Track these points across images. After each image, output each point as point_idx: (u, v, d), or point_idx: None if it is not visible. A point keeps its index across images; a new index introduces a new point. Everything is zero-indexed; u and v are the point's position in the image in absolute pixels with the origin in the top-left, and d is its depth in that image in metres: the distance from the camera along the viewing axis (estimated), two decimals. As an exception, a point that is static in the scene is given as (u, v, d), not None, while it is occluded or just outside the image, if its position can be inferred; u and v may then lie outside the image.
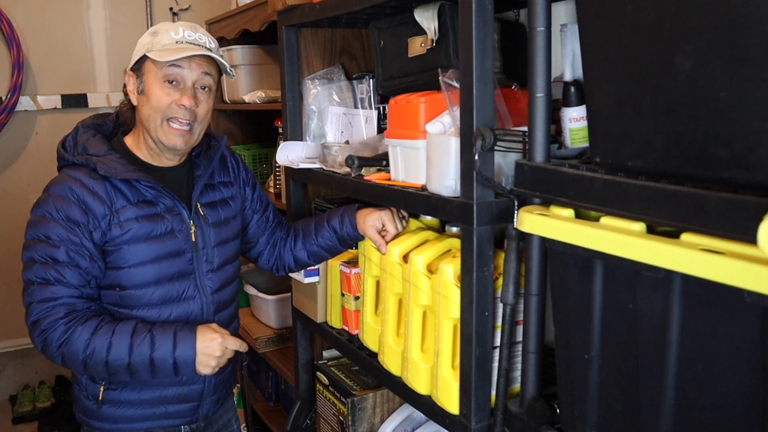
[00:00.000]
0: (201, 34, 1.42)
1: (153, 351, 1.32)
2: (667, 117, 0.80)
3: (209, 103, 1.43)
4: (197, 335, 1.34)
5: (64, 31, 3.46)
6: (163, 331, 1.34)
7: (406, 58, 1.48)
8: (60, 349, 1.31)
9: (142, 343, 1.32)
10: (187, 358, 1.33)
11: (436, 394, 1.29)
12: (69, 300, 1.33)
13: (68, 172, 1.38)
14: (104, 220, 1.35)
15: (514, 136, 1.11)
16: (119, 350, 1.31)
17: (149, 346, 1.32)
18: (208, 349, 1.34)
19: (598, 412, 0.95)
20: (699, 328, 0.77)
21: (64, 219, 1.33)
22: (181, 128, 1.39)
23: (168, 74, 1.37)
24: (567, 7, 1.45)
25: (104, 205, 1.35)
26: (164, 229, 1.41)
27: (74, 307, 1.33)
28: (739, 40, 0.70)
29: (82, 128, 1.46)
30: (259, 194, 1.67)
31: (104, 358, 1.30)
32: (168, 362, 1.32)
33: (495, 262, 1.18)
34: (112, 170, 1.36)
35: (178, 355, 1.32)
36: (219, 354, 1.34)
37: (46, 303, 1.32)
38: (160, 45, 1.38)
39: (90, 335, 1.30)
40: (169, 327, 1.35)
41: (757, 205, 0.66)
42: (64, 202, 1.34)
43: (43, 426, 3.17)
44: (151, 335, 1.33)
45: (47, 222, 1.34)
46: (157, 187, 1.40)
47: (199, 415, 1.53)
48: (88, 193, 1.35)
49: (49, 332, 1.31)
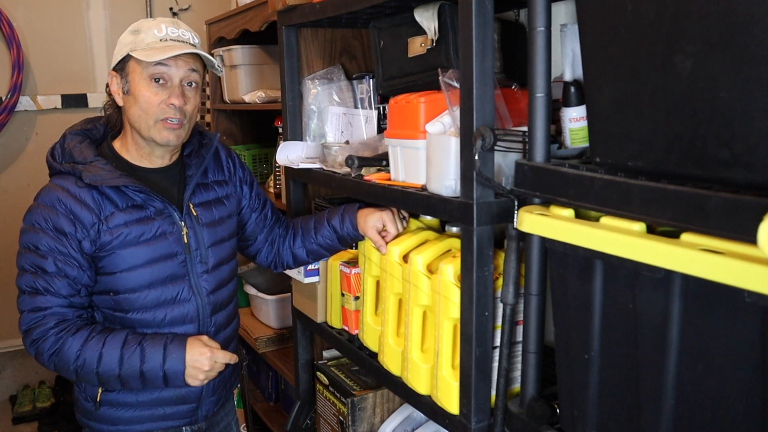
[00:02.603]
0: (184, 30, 1.40)
1: (143, 363, 1.33)
2: (667, 117, 0.80)
3: (196, 99, 1.42)
4: (187, 348, 1.35)
5: (64, 31, 3.47)
6: (154, 343, 1.35)
7: (406, 58, 1.48)
8: (51, 359, 1.33)
9: (132, 355, 1.33)
10: (177, 371, 1.34)
11: (436, 394, 1.29)
12: (59, 310, 1.34)
13: (56, 181, 1.38)
14: (93, 229, 1.35)
15: (514, 136, 1.11)
16: (110, 362, 1.32)
17: (139, 359, 1.33)
18: (197, 363, 1.35)
19: (598, 412, 0.95)
20: (699, 328, 0.77)
21: (52, 229, 1.34)
22: (173, 124, 1.38)
23: (154, 73, 1.36)
24: (567, 7, 1.45)
25: (92, 214, 1.35)
26: (155, 232, 1.40)
27: (64, 317, 1.35)
28: (739, 40, 0.70)
29: (69, 135, 1.45)
30: (257, 192, 1.67)
31: (95, 369, 1.32)
32: (158, 374, 1.34)
33: (495, 262, 1.18)
34: (97, 178, 1.35)
35: (167, 368, 1.34)
36: (207, 368, 1.36)
37: (36, 312, 1.34)
38: (144, 44, 1.36)
39: (80, 346, 1.32)
40: (160, 339, 1.36)
41: (757, 205, 0.66)
42: (51, 212, 1.34)
43: (43, 426, 3.17)
44: (141, 347, 1.34)
45: (36, 232, 1.34)
46: (145, 191, 1.39)
47: (198, 416, 1.53)
48: (75, 202, 1.35)
49: (40, 342, 1.33)
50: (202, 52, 1.39)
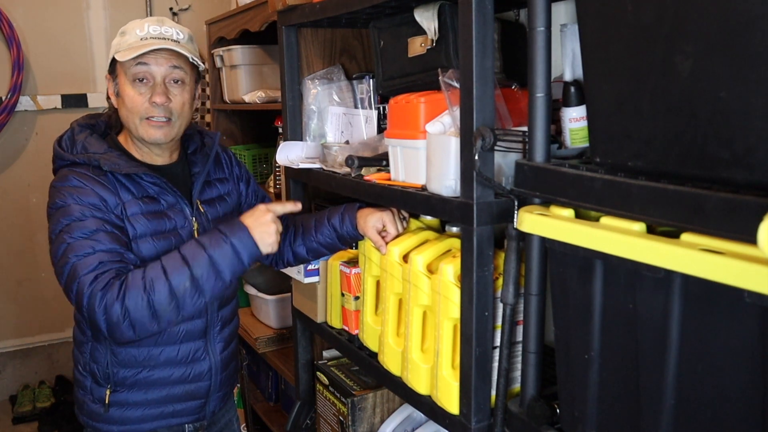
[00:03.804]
0: (168, 27, 1.40)
1: (207, 248, 1.28)
2: (667, 117, 0.80)
3: (184, 96, 1.41)
4: (241, 218, 1.33)
5: (64, 31, 3.47)
6: (207, 234, 1.33)
7: (406, 58, 1.48)
8: (124, 305, 1.24)
9: (193, 249, 1.29)
10: (242, 236, 1.30)
11: (436, 394, 1.29)
12: (112, 265, 1.28)
13: (72, 169, 1.36)
14: (117, 209, 1.35)
15: (514, 136, 1.11)
16: (175, 267, 1.27)
17: (202, 247, 1.29)
18: (261, 218, 1.32)
19: (598, 412, 0.95)
20: (699, 328, 0.77)
21: (84, 203, 1.31)
22: (158, 121, 1.38)
23: (136, 73, 1.36)
24: (567, 7, 1.45)
25: (114, 195, 1.35)
26: (169, 227, 1.41)
27: (120, 270, 1.29)
28: (739, 39, 0.70)
29: (78, 127, 1.45)
30: (254, 189, 1.68)
31: (166, 282, 1.25)
32: (227, 251, 1.28)
33: (495, 262, 1.18)
34: (116, 165, 1.35)
35: (234, 240, 1.29)
36: (270, 219, 1.33)
37: (93, 273, 1.26)
38: (127, 44, 1.37)
39: (142, 273, 1.27)
40: (211, 231, 1.33)
41: (757, 205, 0.66)
42: (78, 192, 1.32)
43: (43, 426, 3.18)
44: (196, 241, 1.31)
45: (68, 208, 1.31)
46: (160, 183, 1.40)
47: (206, 412, 1.53)
48: (97, 184, 1.34)
49: (107, 295, 1.25)
50: (181, 47, 1.37)
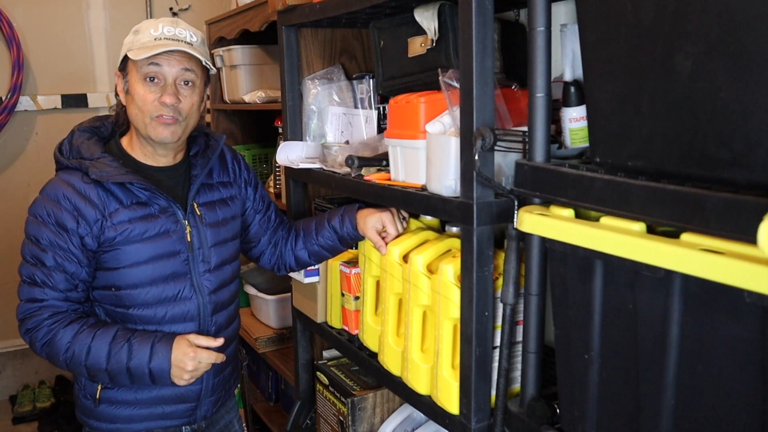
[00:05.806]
0: (182, 29, 1.41)
1: (130, 360, 1.34)
2: (667, 117, 0.80)
3: (193, 98, 1.42)
4: (173, 347, 1.35)
5: (64, 31, 3.46)
6: (142, 340, 1.35)
7: (406, 58, 1.48)
8: (43, 348, 1.36)
9: (119, 351, 1.34)
10: (163, 370, 1.35)
11: (436, 394, 1.29)
12: (54, 302, 1.37)
13: (62, 176, 1.40)
14: (96, 225, 1.36)
15: (514, 136, 1.11)
16: (97, 355, 1.33)
17: (126, 355, 1.34)
18: (181, 363, 1.34)
19: (598, 412, 0.95)
20: (699, 328, 0.77)
21: (54, 224, 1.35)
22: (167, 119, 1.38)
23: (148, 72, 1.37)
24: (567, 7, 1.45)
25: (96, 210, 1.36)
26: (158, 230, 1.41)
27: (59, 309, 1.37)
28: (739, 39, 0.70)
29: (78, 131, 1.47)
30: (261, 194, 1.67)
31: (83, 362, 1.34)
32: (144, 372, 1.34)
33: (495, 262, 1.18)
34: (103, 174, 1.36)
35: (153, 366, 1.34)
36: (191, 368, 1.35)
37: (32, 303, 1.37)
38: (140, 43, 1.38)
39: (71, 339, 1.34)
40: (148, 337, 1.37)
41: (757, 205, 0.66)
42: (55, 207, 1.36)
43: (43, 426, 3.17)
44: (129, 344, 1.35)
45: (38, 224, 1.36)
46: (150, 189, 1.40)
47: (197, 416, 1.53)
48: (79, 198, 1.36)
49: (33, 332, 1.36)
50: (194, 50, 1.38)
